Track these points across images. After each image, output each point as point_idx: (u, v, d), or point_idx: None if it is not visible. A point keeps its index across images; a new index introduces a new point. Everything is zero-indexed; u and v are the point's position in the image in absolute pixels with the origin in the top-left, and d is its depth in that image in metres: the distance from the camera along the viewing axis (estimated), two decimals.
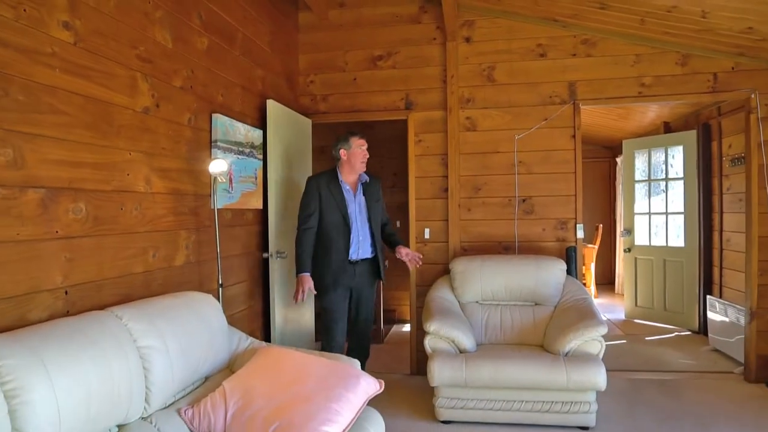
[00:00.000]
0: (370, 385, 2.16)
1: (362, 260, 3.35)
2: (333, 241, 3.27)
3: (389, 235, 3.59)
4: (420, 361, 4.20)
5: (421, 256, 3.52)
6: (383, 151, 6.06)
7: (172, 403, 1.97)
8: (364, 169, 3.39)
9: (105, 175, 2.08)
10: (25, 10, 1.71)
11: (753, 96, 3.81)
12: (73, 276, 1.91)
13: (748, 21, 3.26)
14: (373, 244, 3.40)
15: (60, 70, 1.85)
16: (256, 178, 3.41)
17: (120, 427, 1.72)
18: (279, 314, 3.57)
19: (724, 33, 3.50)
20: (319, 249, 3.28)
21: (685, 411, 3.35)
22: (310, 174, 4.28)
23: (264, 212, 3.55)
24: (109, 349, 1.63)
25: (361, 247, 3.33)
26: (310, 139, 4.28)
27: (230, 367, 2.34)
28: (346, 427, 1.95)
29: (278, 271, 3.58)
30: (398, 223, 6.13)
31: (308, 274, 3.23)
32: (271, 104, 3.51)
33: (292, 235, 3.82)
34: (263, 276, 3.57)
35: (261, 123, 3.54)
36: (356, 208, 3.35)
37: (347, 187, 3.34)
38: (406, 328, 5.68)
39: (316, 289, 3.27)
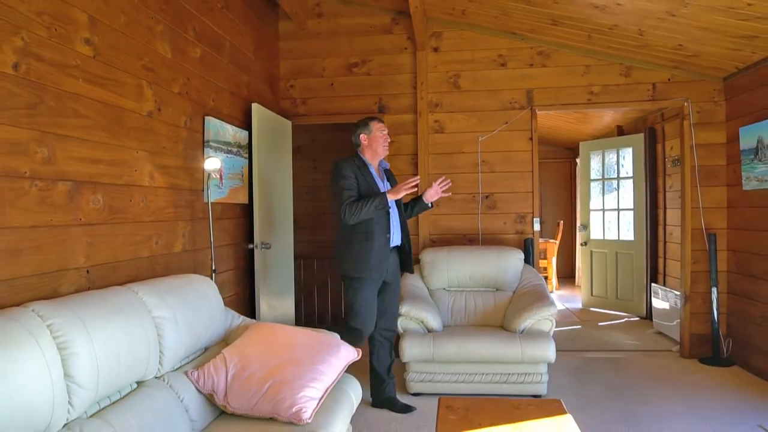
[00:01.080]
0: (349, 353, 2.52)
1: (393, 248, 3.31)
2: (374, 226, 3.13)
3: (407, 204, 3.50)
4: None
5: (445, 179, 3.34)
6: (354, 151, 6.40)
7: (179, 367, 2.28)
8: (387, 153, 3.36)
9: (117, 171, 2.38)
10: (56, 29, 2.01)
11: (686, 104, 4.31)
12: (93, 258, 2.21)
13: (678, 39, 3.74)
14: (402, 231, 3.36)
15: (82, 80, 2.15)
16: (242, 175, 3.72)
17: (139, 383, 2.03)
18: (264, 301, 3.89)
19: (660, 49, 3.98)
20: (357, 235, 3.15)
21: (628, 382, 3.80)
22: (290, 172, 4.61)
23: (249, 206, 3.85)
24: (131, 317, 1.94)
25: (395, 233, 3.29)
26: (290, 139, 4.59)
27: (225, 340, 2.66)
28: (329, 386, 2.30)
29: (263, 261, 3.90)
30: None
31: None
32: (255, 107, 3.83)
33: (275, 227, 4.16)
34: (249, 265, 3.89)
35: (246, 124, 3.85)
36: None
37: (374, 173, 3.29)
38: None
39: (351, 277, 3.18)
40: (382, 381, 3.39)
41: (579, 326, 5.59)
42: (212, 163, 2.99)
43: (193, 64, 3.09)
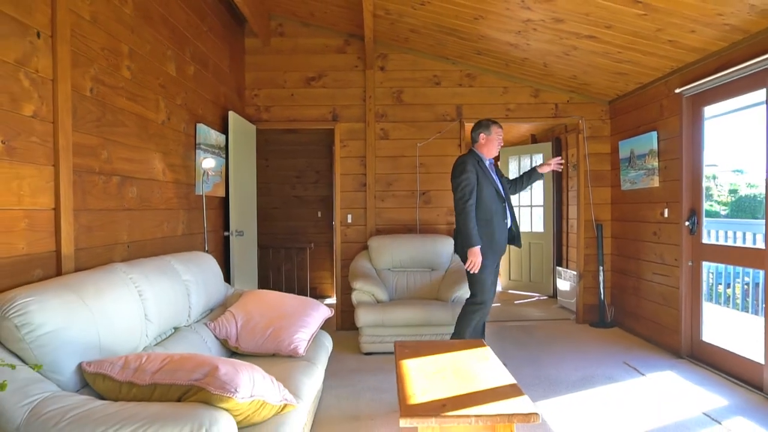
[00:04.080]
0: (326, 310, 3.28)
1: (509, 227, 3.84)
2: (493, 215, 3.65)
3: (520, 177, 4.03)
4: (344, 320, 5.34)
5: (561, 159, 3.90)
6: (308, 153, 7.15)
7: (197, 321, 2.95)
8: (497, 155, 3.88)
9: (145, 168, 3.01)
10: (111, 60, 2.63)
11: (581, 121, 5.41)
12: (132, 236, 2.84)
13: (573, 71, 4.79)
14: (513, 214, 3.86)
15: (125, 98, 2.78)
16: (221, 172, 4.36)
17: (175, 329, 2.70)
18: (237, 282, 4.54)
19: (560, 77, 5.03)
20: (479, 221, 3.61)
21: (534, 341, 4.80)
22: (255, 170, 5.27)
23: (226, 199, 4.50)
24: (172, 278, 2.62)
25: (509, 218, 3.80)
26: (255, 142, 5.25)
27: (224, 304, 3.34)
28: (314, 332, 3.06)
29: (237, 247, 4.55)
30: (319, 213, 7.25)
31: (479, 247, 3.55)
32: (231, 115, 4.48)
33: (245, 217, 4.82)
34: (225, 250, 4.53)
35: (223, 129, 4.48)
36: (499, 184, 3.80)
37: (487, 165, 3.78)
38: (327, 302, 6.78)
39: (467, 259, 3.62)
40: None
41: (499, 304, 6.62)
42: (209, 162, 3.64)
43: (189, 80, 3.72)
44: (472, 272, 3.62)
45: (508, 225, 3.81)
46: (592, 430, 2.88)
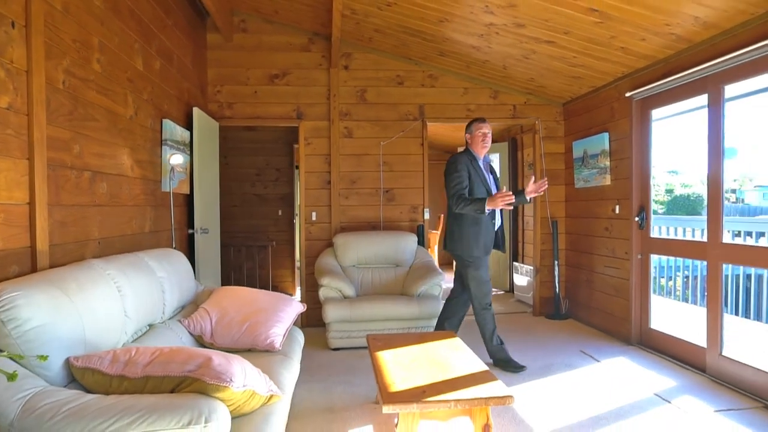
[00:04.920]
0: (299, 305, 3.31)
1: (497, 229, 3.89)
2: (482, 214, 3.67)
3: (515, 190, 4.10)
4: (309, 317, 5.36)
5: (545, 180, 3.76)
6: (268, 150, 7.11)
7: (170, 318, 2.93)
8: (486, 151, 3.84)
9: (114, 164, 2.95)
10: (82, 53, 2.58)
11: (537, 122, 5.64)
12: (102, 232, 2.79)
13: (531, 74, 5.00)
14: (502, 215, 3.94)
15: (95, 91, 2.72)
16: (185, 169, 4.30)
17: (150, 325, 2.67)
18: (202, 280, 4.49)
19: (518, 79, 5.24)
20: (467, 220, 3.71)
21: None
22: (218, 167, 5.21)
23: (191, 196, 4.44)
24: (148, 274, 2.59)
25: (499, 218, 3.87)
26: (218, 139, 5.19)
27: (195, 301, 3.31)
28: (288, 327, 3.09)
29: (202, 245, 4.50)
30: (280, 212, 7.23)
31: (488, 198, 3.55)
32: (196, 111, 4.43)
33: (211, 215, 4.77)
34: (189, 248, 4.46)
35: (188, 125, 4.42)
36: (491, 183, 3.84)
37: (482, 166, 3.84)
38: None
39: (469, 260, 3.72)
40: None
41: None
42: (177, 158, 3.60)
43: (155, 74, 3.66)
44: (470, 271, 3.73)
45: (497, 226, 3.85)
46: (557, 413, 3.04)
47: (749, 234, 6.04)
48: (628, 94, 4.36)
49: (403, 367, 2.64)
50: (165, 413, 1.49)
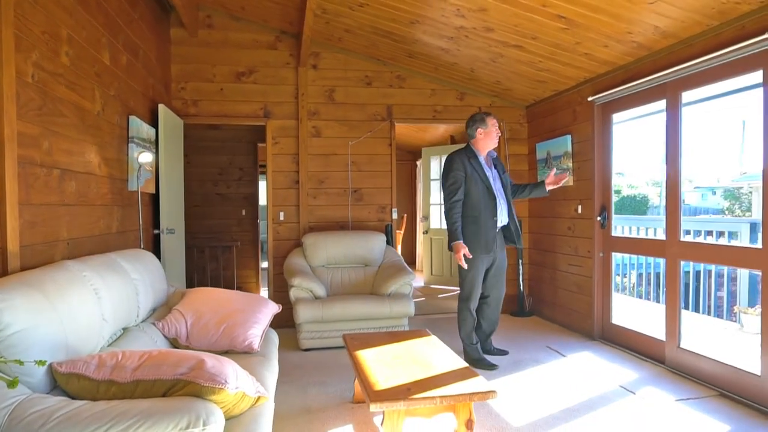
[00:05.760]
0: (274, 306, 3.28)
1: (500, 227, 3.86)
2: (481, 211, 3.68)
3: (525, 185, 4.06)
4: (278, 318, 5.27)
5: (565, 174, 3.96)
6: (230, 149, 6.98)
7: (144, 321, 2.84)
8: (496, 145, 3.92)
9: (82, 161, 2.84)
10: (51, 45, 2.46)
11: (502, 124, 5.77)
12: (71, 233, 2.67)
13: (497, 77, 5.12)
14: (509, 212, 3.87)
15: (64, 86, 2.61)
16: (151, 168, 4.17)
17: (125, 329, 2.58)
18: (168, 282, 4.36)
19: (485, 82, 5.35)
20: (466, 219, 3.69)
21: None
22: (182, 166, 5.08)
23: (156, 196, 4.31)
24: (123, 276, 2.51)
25: (502, 215, 3.82)
26: (182, 137, 5.06)
27: (167, 303, 3.22)
28: (265, 328, 3.05)
29: (168, 246, 4.37)
30: (243, 212, 7.11)
31: (462, 241, 3.64)
32: (162, 108, 4.30)
33: (176, 214, 4.64)
34: (155, 249, 4.33)
35: (153, 122, 4.29)
36: (494, 179, 3.81)
37: (483, 162, 3.82)
38: None
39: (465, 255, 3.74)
40: (484, 338, 4.09)
41: (423, 298, 6.89)
42: (146, 156, 3.49)
43: (122, 69, 3.54)
44: (460, 266, 3.71)
45: (499, 223, 3.81)
46: (530, 407, 3.14)
47: (694, 233, 6.39)
48: (590, 98, 4.54)
49: (385, 365, 2.66)
50: (162, 417, 1.46)
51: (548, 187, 3.93)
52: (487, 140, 3.86)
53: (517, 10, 3.67)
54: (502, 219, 3.84)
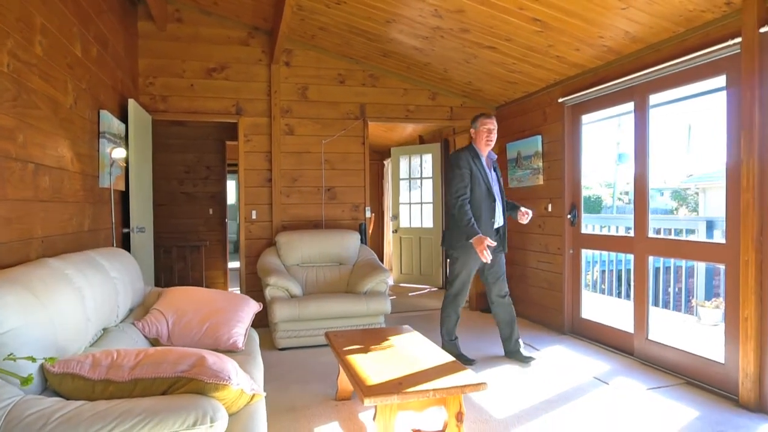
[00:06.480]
0: (256, 304, 3.23)
1: (497, 228, 3.88)
2: (482, 212, 3.72)
3: (510, 203, 4.06)
4: None
5: (531, 213, 3.90)
6: (197, 147, 6.83)
7: (122, 321, 2.75)
8: (490, 147, 3.87)
9: (55, 156, 2.72)
10: (26, 33, 2.35)
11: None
12: (45, 230, 2.56)
13: (469, 78, 5.21)
14: (504, 214, 3.92)
15: (38, 76, 2.50)
16: (123, 164, 4.04)
17: (105, 329, 2.49)
18: None
19: (457, 82, 5.43)
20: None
21: (434, 327, 5.12)
22: (151, 163, 4.93)
23: (126, 193, 4.17)
24: (104, 274, 2.42)
25: (500, 216, 3.86)
26: (151, 133, 4.92)
27: (144, 304, 3.13)
28: (248, 327, 3.01)
29: (138, 245, 4.24)
30: (211, 211, 6.97)
31: (480, 234, 3.58)
32: (132, 103, 4.17)
33: (146, 213, 4.51)
34: (125, 248, 4.19)
35: (122, 117, 4.15)
36: (493, 181, 3.85)
37: (484, 162, 3.84)
38: None
39: (456, 255, 3.75)
40: (505, 337, 4.04)
41: (394, 296, 6.92)
42: (119, 152, 3.37)
43: (93, 62, 3.41)
44: (482, 260, 3.64)
45: (496, 224, 3.84)
46: (510, 400, 3.21)
47: (653, 230, 6.67)
48: (560, 100, 4.67)
49: (373, 361, 2.67)
50: (168, 415, 1.42)
51: (520, 220, 3.91)
52: (478, 141, 3.90)
53: (494, 12, 3.75)
54: (499, 221, 3.88)
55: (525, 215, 3.88)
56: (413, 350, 2.87)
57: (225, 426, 1.51)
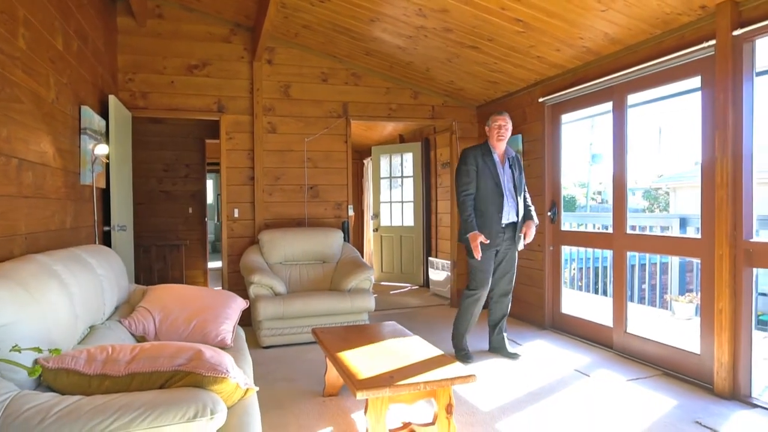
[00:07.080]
0: (242, 302, 3.21)
1: (508, 225, 3.87)
2: (488, 207, 3.78)
3: (526, 206, 4.01)
4: None
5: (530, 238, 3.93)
6: (176, 145, 6.75)
7: (108, 319, 2.71)
8: (503, 142, 3.90)
9: (38, 152, 2.67)
10: (9, 26, 2.31)
11: (454, 123, 5.94)
12: (29, 227, 2.51)
13: (451, 77, 5.27)
14: (517, 211, 3.90)
15: (21, 70, 2.45)
16: (103, 161, 3.97)
17: (91, 327, 2.46)
18: None
19: (439, 82, 5.49)
20: (474, 211, 3.78)
21: (419, 325, 5.17)
22: (130, 159, 4.86)
23: (107, 191, 4.10)
24: (91, 271, 2.39)
25: (509, 212, 3.85)
26: (131, 129, 4.84)
27: (129, 302, 3.09)
28: (235, 324, 3.00)
29: (119, 244, 4.18)
30: (190, 210, 6.90)
31: (477, 231, 3.71)
32: (112, 99, 4.10)
33: (126, 211, 4.44)
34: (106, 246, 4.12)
35: (102, 114, 4.09)
36: (505, 177, 3.85)
37: (497, 159, 3.86)
38: None
39: (468, 249, 3.77)
40: (492, 332, 4.09)
41: (376, 295, 6.91)
42: (102, 149, 3.32)
43: (74, 56, 3.35)
44: (475, 257, 3.74)
45: (504, 220, 3.84)
46: (495, 393, 3.26)
47: (629, 227, 6.84)
48: (541, 100, 4.76)
49: (363, 356, 2.69)
50: (168, 408, 1.42)
51: (523, 231, 3.96)
52: (490, 138, 3.93)
53: (477, 12, 3.80)
54: (509, 217, 3.88)
55: (521, 238, 3.93)
56: (401, 345, 2.90)
57: (224, 419, 1.52)
